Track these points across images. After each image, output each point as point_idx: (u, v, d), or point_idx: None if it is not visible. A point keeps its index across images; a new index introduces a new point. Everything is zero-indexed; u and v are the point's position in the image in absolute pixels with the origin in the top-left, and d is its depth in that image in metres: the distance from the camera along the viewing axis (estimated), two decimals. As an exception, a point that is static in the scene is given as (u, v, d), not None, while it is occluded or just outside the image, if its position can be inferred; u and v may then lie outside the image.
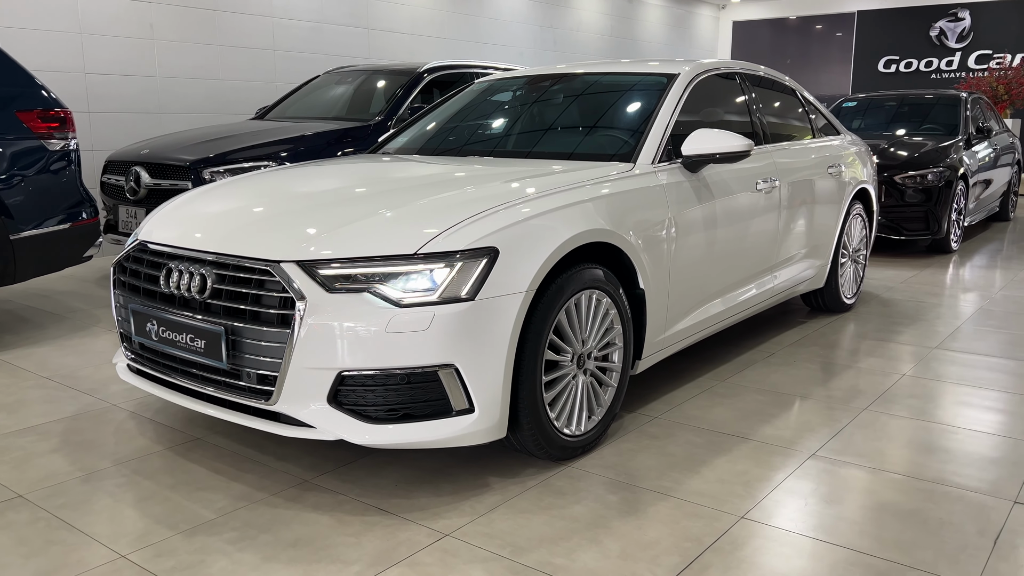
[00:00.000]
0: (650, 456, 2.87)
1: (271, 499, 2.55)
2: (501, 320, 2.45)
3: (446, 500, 2.54)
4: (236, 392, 2.54)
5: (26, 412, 3.29)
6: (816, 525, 2.39)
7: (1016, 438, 3.06)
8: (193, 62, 7.84)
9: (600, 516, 2.43)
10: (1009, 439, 3.05)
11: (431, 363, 2.37)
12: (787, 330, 4.63)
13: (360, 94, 6.91)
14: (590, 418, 2.87)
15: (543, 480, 2.67)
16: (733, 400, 3.45)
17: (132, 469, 2.76)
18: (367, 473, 2.72)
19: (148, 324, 2.70)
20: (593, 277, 2.77)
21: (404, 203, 2.70)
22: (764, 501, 2.54)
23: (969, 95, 8.52)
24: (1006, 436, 3.08)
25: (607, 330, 2.90)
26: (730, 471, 2.75)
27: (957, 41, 13.37)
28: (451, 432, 2.43)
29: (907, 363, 3.99)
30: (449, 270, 2.40)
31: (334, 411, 2.42)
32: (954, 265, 6.87)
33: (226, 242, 2.60)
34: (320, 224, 2.59)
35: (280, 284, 2.41)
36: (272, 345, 2.41)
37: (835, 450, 2.93)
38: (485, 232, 2.49)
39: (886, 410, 3.34)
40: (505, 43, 11.35)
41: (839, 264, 4.84)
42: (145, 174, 5.41)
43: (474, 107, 4.20)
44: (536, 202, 2.71)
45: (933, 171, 6.98)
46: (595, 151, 3.44)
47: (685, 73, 3.72)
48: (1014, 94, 11.13)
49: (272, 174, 3.53)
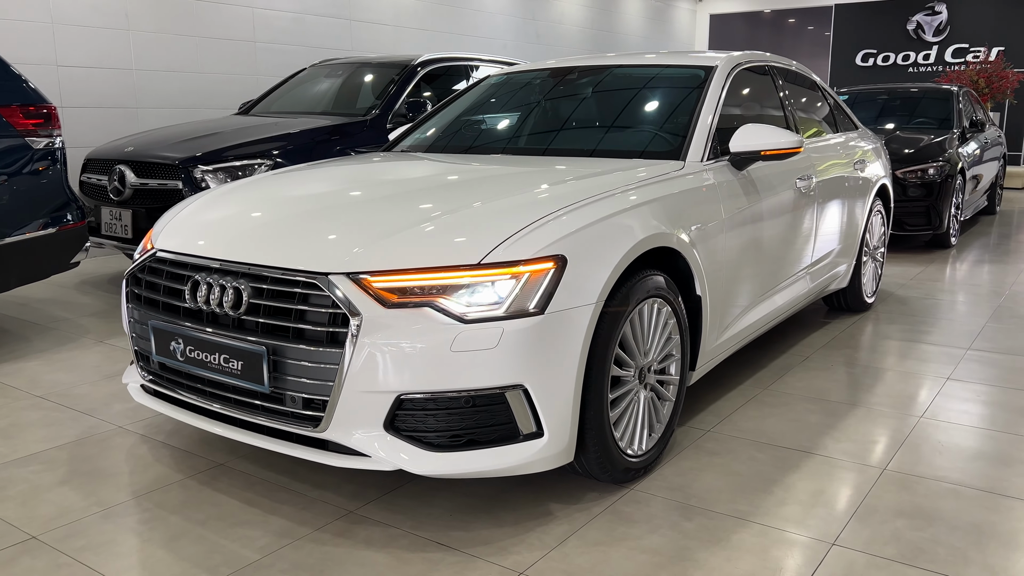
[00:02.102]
0: (715, 476, 2.68)
1: (317, 535, 2.31)
2: (571, 335, 2.24)
3: (509, 531, 2.33)
4: (278, 418, 2.29)
5: (24, 437, 3.00)
6: (913, 551, 2.22)
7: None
8: (171, 54, 7.48)
9: (682, 547, 2.24)
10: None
11: (499, 384, 2.15)
12: (813, 331, 4.48)
13: (350, 88, 6.62)
14: (651, 436, 2.67)
15: (608, 506, 2.47)
16: (783, 410, 3.28)
17: (154, 502, 2.50)
18: (416, 501, 2.49)
19: (172, 343, 2.44)
20: (656, 284, 2.57)
21: (457, 207, 2.47)
22: (851, 523, 2.36)
23: (960, 89, 8.49)
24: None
25: (666, 340, 2.71)
26: (805, 491, 2.58)
27: (934, 35, 13.43)
28: (520, 459, 2.22)
29: (945, 366, 3.87)
30: (515, 281, 2.18)
31: (391, 438, 2.19)
32: (956, 260, 6.81)
33: (263, 252, 2.35)
34: (368, 231, 2.34)
35: (329, 298, 2.17)
36: (321, 366, 2.17)
37: (906, 464, 2.77)
38: (552, 239, 2.27)
39: (943, 418, 3.20)
40: (488, 35, 11.10)
41: (861, 263, 4.71)
42: (131, 173, 5.09)
43: (496, 102, 3.97)
44: (598, 205, 2.50)
45: (934, 166, 6.91)
46: (639, 148, 3.23)
47: (723, 66, 3.53)
48: (995, 87, 11.17)
49: (294, 174, 3.26)
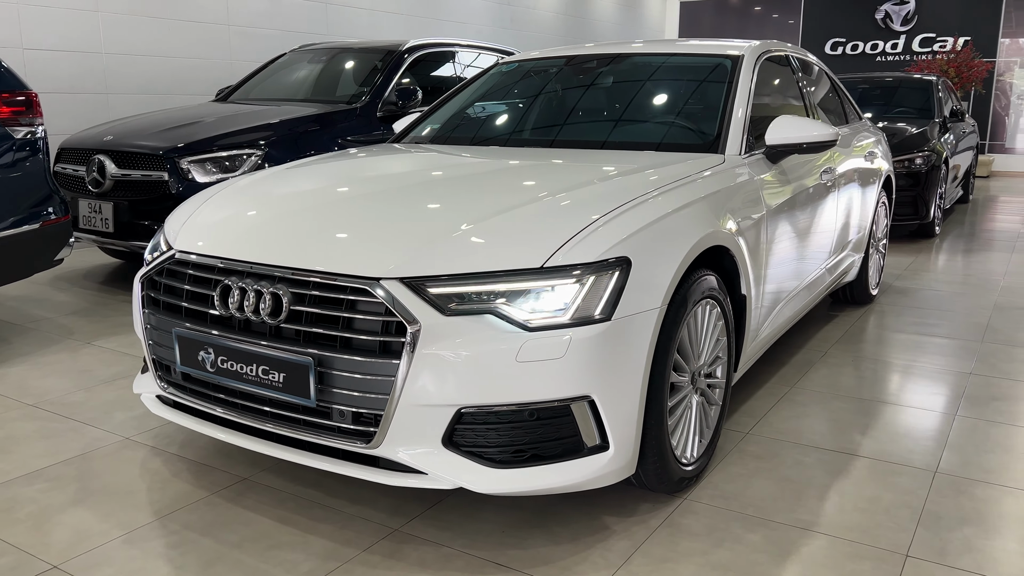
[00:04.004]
0: (766, 482, 2.59)
1: (365, 557, 2.16)
2: (637, 341, 2.12)
3: (568, 548, 2.20)
4: (325, 434, 2.13)
5: (23, 452, 2.78)
6: (990, 562, 2.15)
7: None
8: (142, 37, 7.14)
9: (754, 563, 2.14)
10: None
11: (566, 395, 2.02)
12: (823, 325, 4.42)
13: (333, 74, 6.39)
14: (700, 442, 2.57)
15: (665, 518, 2.36)
16: (817, 409, 3.21)
17: (181, 523, 2.32)
18: (462, 517, 2.35)
19: (201, 352, 2.25)
20: (709, 285, 2.46)
21: (506, 206, 2.31)
22: (919, 532, 2.29)
23: (938, 79, 8.54)
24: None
25: (715, 342, 2.60)
26: (861, 497, 2.50)
27: (902, 24, 13.55)
28: (586, 474, 2.09)
29: (964, 360, 3.83)
30: (580, 286, 2.04)
31: (450, 454, 2.05)
32: (944, 250, 6.85)
33: (305, 254, 2.17)
34: (417, 233, 2.18)
35: (382, 305, 2.01)
36: (374, 378, 2.01)
37: (956, 465, 2.71)
38: (615, 240, 2.14)
39: (979, 415, 3.15)
40: (463, 20, 10.88)
41: (869, 255, 4.67)
42: (111, 163, 4.82)
43: (511, 92, 3.81)
44: (655, 202, 2.37)
45: (921, 155, 6.93)
46: (675, 141, 3.11)
47: (749, 55, 3.42)
48: (964, 77, 11.31)
49: (314, 168, 3.07)
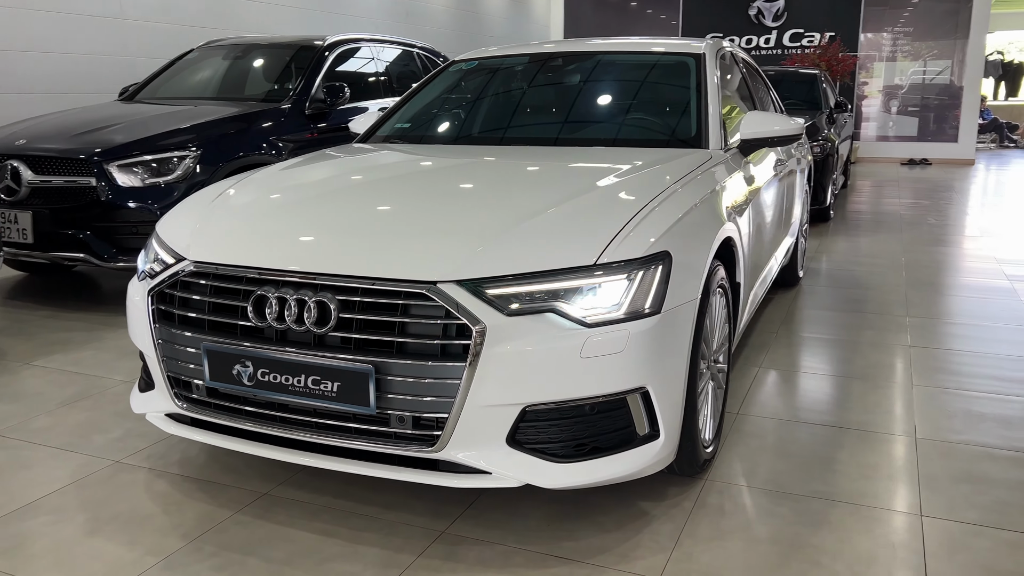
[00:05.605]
0: (774, 458, 2.75)
1: (424, 561, 2.14)
2: (682, 332, 2.21)
3: (617, 536, 2.27)
4: (383, 440, 2.09)
5: (7, 484, 2.58)
6: (993, 515, 2.38)
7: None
8: (30, 32, 6.64)
9: (795, 535, 2.27)
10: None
11: (625, 388, 2.08)
12: (763, 308, 4.67)
13: (247, 72, 6.17)
14: (714, 425, 2.69)
15: (697, 501, 2.46)
16: (791, 386, 3.41)
17: (217, 544, 2.22)
18: (504, 514, 2.37)
19: (237, 366, 2.16)
20: (721, 275, 2.58)
21: (541, 206, 2.34)
22: (923, 493, 2.49)
23: (821, 72, 9.11)
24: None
25: (723, 329, 2.73)
26: (863, 465, 2.69)
27: (773, 20, 14.33)
28: (640, 463, 2.16)
29: (900, 334, 4.15)
30: (629, 282, 2.11)
31: (514, 452, 2.07)
32: (841, 232, 7.34)
33: (349, 261, 2.13)
34: (465, 234, 2.19)
35: (442, 309, 2.01)
36: (437, 382, 2.01)
37: (931, 430, 2.96)
38: (656, 235, 2.21)
39: (930, 383, 3.43)
40: (360, 14, 10.70)
41: (797, 239, 4.97)
42: (26, 169, 4.48)
43: (480, 90, 3.81)
44: (676, 198, 2.46)
45: (819, 144, 7.38)
46: (658, 137, 3.23)
47: (709, 52, 3.58)
48: (834, 70, 12.10)
49: (322, 169, 3.02)
